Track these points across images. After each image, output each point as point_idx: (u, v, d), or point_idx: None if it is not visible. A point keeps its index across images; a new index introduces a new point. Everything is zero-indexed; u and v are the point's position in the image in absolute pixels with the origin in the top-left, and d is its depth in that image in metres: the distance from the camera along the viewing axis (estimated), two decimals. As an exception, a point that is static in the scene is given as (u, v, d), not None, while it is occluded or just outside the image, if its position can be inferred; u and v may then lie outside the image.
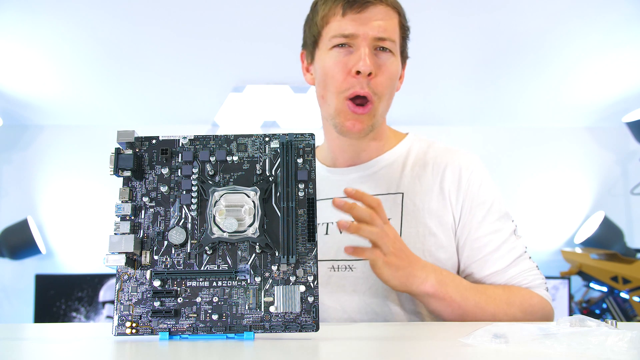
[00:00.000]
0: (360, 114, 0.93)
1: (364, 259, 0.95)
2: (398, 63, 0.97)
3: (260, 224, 0.59)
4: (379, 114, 0.96)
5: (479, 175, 0.98)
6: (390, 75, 0.94)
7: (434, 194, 0.97)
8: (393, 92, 0.98)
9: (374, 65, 0.92)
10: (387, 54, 0.94)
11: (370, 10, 0.92)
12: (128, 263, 0.58)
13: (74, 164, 3.02)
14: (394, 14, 0.95)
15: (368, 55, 0.91)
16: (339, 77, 0.93)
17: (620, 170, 3.16)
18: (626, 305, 2.52)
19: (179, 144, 0.61)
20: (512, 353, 0.47)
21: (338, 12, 0.93)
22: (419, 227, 0.95)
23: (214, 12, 2.20)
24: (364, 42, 0.92)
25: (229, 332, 0.57)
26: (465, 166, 0.99)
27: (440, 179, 0.98)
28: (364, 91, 0.92)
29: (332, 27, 0.94)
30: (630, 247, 2.89)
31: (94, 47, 2.40)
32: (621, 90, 2.80)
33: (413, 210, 0.96)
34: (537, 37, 2.40)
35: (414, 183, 0.99)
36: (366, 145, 1.02)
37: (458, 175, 0.98)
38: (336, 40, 0.94)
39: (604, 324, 0.53)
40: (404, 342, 0.57)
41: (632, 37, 2.37)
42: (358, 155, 1.03)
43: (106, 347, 0.54)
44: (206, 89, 2.80)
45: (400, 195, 0.98)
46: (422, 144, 1.05)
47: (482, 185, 0.98)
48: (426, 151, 1.03)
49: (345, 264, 0.96)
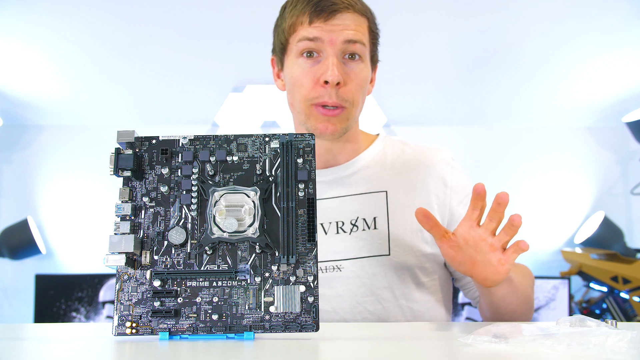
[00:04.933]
0: (331, 116, 0.93)
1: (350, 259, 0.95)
2: (368, 69, 0.96)
3: (260, 224, 0.59)
4: (352, 118, 0.96)
5: (457, 169, 1.03)
6: (360, 83, 0.94)
7: (417, 190, 0.99)
8: (364, 97, 0.98)
9: (343, 73, 0.91)
10: (356, 61, 0.93)
11: (337, 17, 0.91)
12: (128, 263, 0.58)
13: (74, 164, 3.02)
14: (362, 19, 0.94)
15: (336, 64, 0.90)
16: (307, 86, 0.92)
17: (620, 170, 3.15)
18: (626, 305, 2.52)
19: (179, 144, 0.61)
20: (512, 353, 0.47)
21: (305, 21, 0.92)
22: (405, 224, 0.96)
23: (214, 12, 2.20)
24: (331, 50, 0.91)
25: (229, 332, 0.57)
26: (445, 162, 1.02)
27: (423, 176, 1.00)
28: (332, 101, 0.91)
29: (299, 34, 0.93)
30: (630, 247, 2.88)
31: (94, 47, 2.40)
32: (621, 90, 2.80)
33: (398, 207, 0.97)
34: (536, 37, 2.40)
35: (396, 181, 1.00)
36: (341, 147, 1.02)
37: (440, 171, 1.01)
38: (302, 44, 0.92)
39: (604, 324, 0.53)
40: (404, 342, 0.57)
41: (632, 37, 2.37)
42: (334, 157, 1.02)
43: (106, 347, 0.54)
44: (206, 89, 2.80)
45: (384, 193, 0.99)
46: (396, 143, 1.07)
47: (462, 178, 1.02)
48: (402, 149, 1.05)
49: (333, 265, 0.96)
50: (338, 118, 0.94)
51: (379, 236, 0.96)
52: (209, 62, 2.57)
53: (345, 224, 0.97)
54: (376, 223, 0.96)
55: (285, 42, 0.96)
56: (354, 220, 0.97)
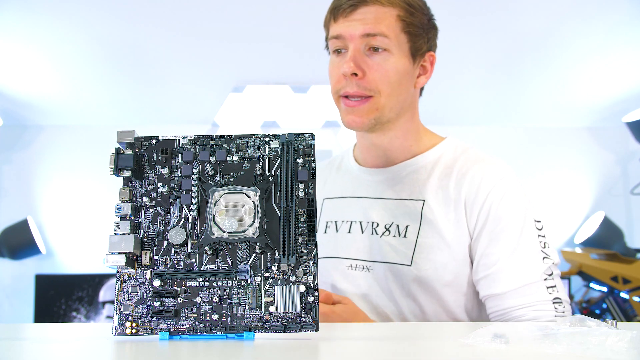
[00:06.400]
0: (354, 107, 0.94)
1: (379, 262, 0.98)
2: (396, 59, 0.94)
3: (260, 224, 0.59)
4: (386, 108, 0.95)
5: (501, 188, 0.94)
6: (385, 72, 0.93)
7: (452, 204, 0.95)
8: (400, 88, 0.95)
9: (364, 65, 0.93)
10: (380, 53, 0.93)
11: (358, 12, 0.93)
12: (128, 263, 0.58)
13: (74, 164, 3.02)
14: (388, 10, 0.93)
15: (352, 57, 0.92)
16: (334, 80, 0.98)
17: (620, 170, 3.16)
18: (626, 305, 2.52)
19: (179, 144, 0.61)
20: (512, 353, 0.47)
21: (331, 19, 0.97)
22: (434, 238, 0.94)
23: (214, 12, 2.20)
24: (351, 43, 0.93)
25: (229, 332, 0.57)
26: (487, 177, 0.94)
27: (460, 190, 0.95)
28: (353, 91, 0.93)
29: (329, 33, 0.98)
30: (630, 247, 2.89)
31: (94, 47, 2.40)
32: (621, 90, 2.80)
33: (431, 220, 0.94)
34: (537, 38, 2.40)
35: (437, 192, 0.96)
36: (388, 143, 1.01)
37: (477, 186, 0.94)
38: (331, 43, 0.97)
39: (604, 324, 0.53)
40: (404, 342, 0.57)
41: (632, 37, 2.37)
42: (385, 154, 1.02)
43: (106, 347, 0.54)
44: (206, 89, 2.80)
45: (421, 202, 0.97)
46: (457, 150, 1.01)
47: (504, 199, 0.93)
48: (456, 158, 0.99)
49: (363, 264, 0.99)
50: (363, 109, 0.94)
51: (406, 245, 0.95)
52: (209, 62, 2.57)
53: (380, 226, 0.99)
54: (407, 232, 0.96)
55: (326, 41, 1.01)
56: (388, 225, 0.98)
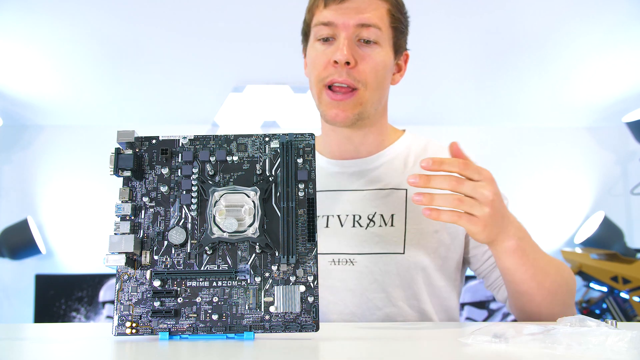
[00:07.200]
0: (340, 101, 0.92)
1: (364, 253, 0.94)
2: (385, 54, 0.94)
3: (260, 224, 0.59)
4: (369, 103, 0.94)
5: None
6: (375, 65, 0.92)
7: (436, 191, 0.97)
8: (384, 83, 0.95)
9: (356, 55, 0.91)
10: (371, 46, 0.92)
11: (352, 1, 0.91)
12: (128, 263, 0.58)
13: (74, 164, 3.02)
14: (380, 3, 0.93)
15: (346, 45, 0.90)
16: (319, 67, 0.93)
17: (620, 170, 3.16)
18: (626, 305, 2.52)
19: (179, 144, 0.61)
20: (512, 353, 0.47)
21: (320, 4, 0.93)
22: (422, 224, 0.95)
23: (214, 12, 2.20)
24: (343, 32, 0.91)
25: (229, 332, 0.57)
26: None
27: None
28: (342, 79, 0.90)
29: (316, 18, 0.95)
30: (630, 247, 2.89)
31: (94, 47, 2.40)
32: (621, 90, 2.80)
33: (417, 207, 0.95)
34: (537, 37, 2.40)
35: None
36: (363, 138, 1.00)
37: None
38: (317, 29, 0.93)
39: (604, 324, 0.53)
40: (404, 342, 0.57)
41: (632, 37, 2.37)
42: (357, 148, 1.01)
43: (106, 347, 0.54)
44: (206, 89, 2.80)
45: (404, 191, 0.97)
46: (420, 140, 1.04)
47: None
48: (426, 147, 1.02)
49: (346, 258, 0.95)
50: (348, 103, 0.92)
51: (395, 234, 0.95)
52: (209, 62, 2.57)
53: (362, 218, 0.96)
54: (393, 220, 0.95)
55: (307, 27, 0.98)
56: (371, 215, 0.96)
